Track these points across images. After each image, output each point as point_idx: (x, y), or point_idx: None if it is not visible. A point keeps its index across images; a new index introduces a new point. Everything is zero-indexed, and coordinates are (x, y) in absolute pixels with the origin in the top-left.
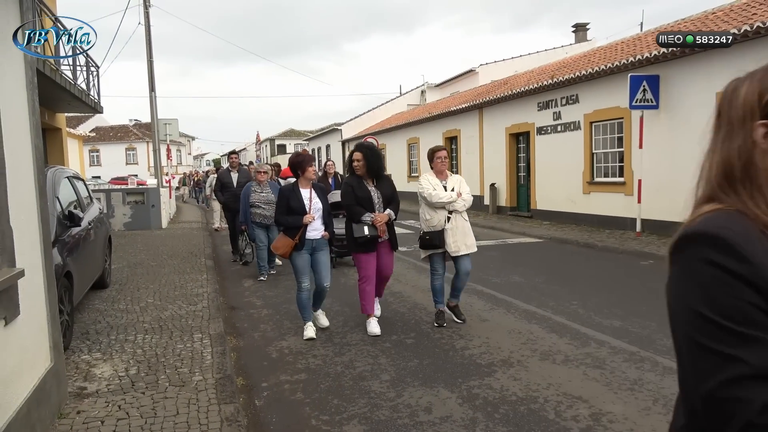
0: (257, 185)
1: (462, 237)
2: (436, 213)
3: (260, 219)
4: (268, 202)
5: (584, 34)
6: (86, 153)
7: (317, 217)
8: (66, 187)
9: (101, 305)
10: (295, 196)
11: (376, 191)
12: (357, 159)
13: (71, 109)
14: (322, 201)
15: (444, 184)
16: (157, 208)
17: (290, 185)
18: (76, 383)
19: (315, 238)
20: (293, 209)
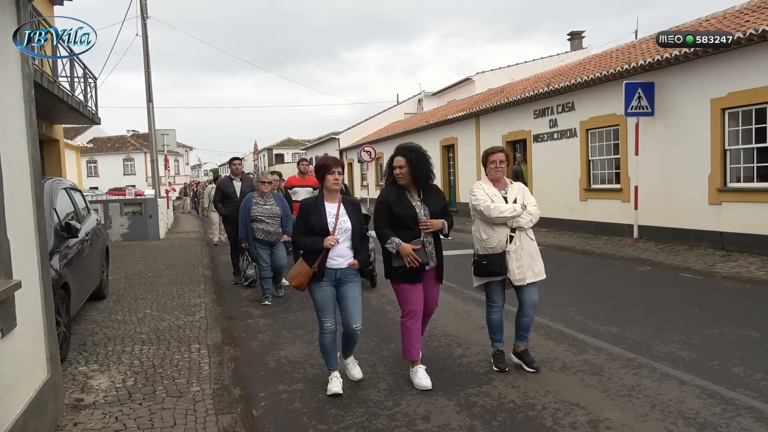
0: (259, 196)
1: (529, 261)
2: (495, 231)
3: (263, 235)
4: (273, 216)
5: (580, 42)
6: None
7: (343, 240)
8: (63, 198)
9: (98, 316)
10: (317, 212)
11: (422, 206)
12: (399, 165)
13: (69, 120)
14: (352, 219)
15: (504, 194)
16: (155, 218)
17: (313, 197)
18: (73, 395)
19: (339, 267)
20: (314, 228)
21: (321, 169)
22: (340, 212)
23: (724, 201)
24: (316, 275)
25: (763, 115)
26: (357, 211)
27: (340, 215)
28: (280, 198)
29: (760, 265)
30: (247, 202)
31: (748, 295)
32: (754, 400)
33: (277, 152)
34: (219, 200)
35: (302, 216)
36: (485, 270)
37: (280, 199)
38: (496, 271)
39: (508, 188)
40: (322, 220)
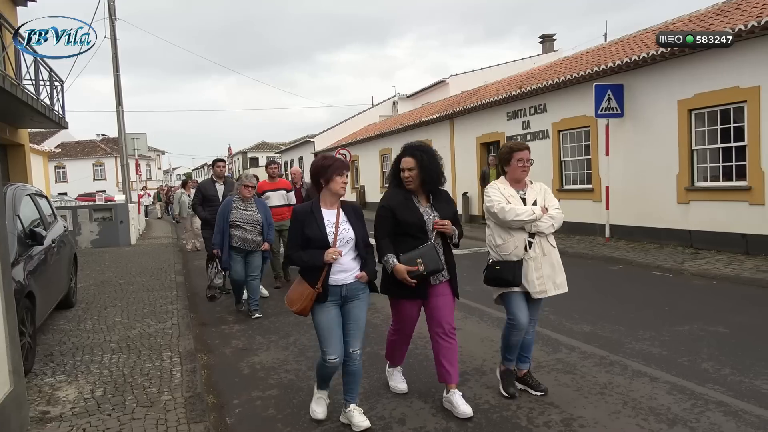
0: (240, 201)
1: (550, 271)
2: (511, 236)
3: (239, 242)
4: (253, 222)
5: (551, 45)
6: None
7: (347, 252)
8: (28, 204)
9: (66, 325)
10: (313, 221)
11: (432, 212)
12: (408, 167)
13: (34, 124)
14: (355, 227)
15: (522, 195)
16: (126, 224)
17: (308, 204)
18: (38, 407)
19: (345, 282)
20: (311, 240)
21: (325, 170)
22: (340, 220)
23: (692, 200)
24: (319, 296)
25: (728, 115)
26: (359, 218)
27: (341, 223)
28: (262, 204)
29: (727, 262)
30: (226, 206)
31: (716, 292)
32: (723, 395)
33: (251, 156)
34: (198, 203)
35: (296, 227)
36: (497, 277)
37: (263, 206)
38: (507, 279)
39: (527, 189)
40: (320, 230)
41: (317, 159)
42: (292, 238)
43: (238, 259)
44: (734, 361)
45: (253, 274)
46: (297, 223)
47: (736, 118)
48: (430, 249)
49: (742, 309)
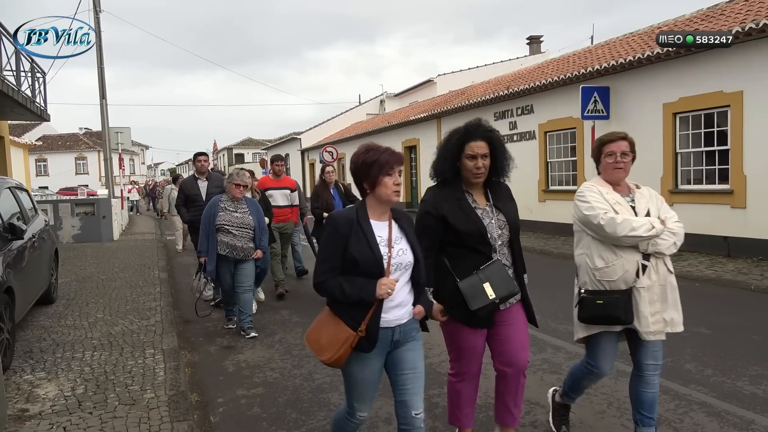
0: (229, 201)
1: (663, 304)
2: (618, 257)
3: (226, 250)
4: (243, 226)
5: (538, 47)
6: (33, 162)
7: (403, 281)
8: (7, 198)
9: (47, 322)
10: (362, 237)
11: (494, 215)
12: (481, 153)
13: (15, 116)
14: (411, 244)
15: (629, 202)
16: (108, 219)
17: (350, 212)
18: (17, 405)
19: (400, 322)
20: (356, 262)
21: (367, 168)
22: (394, 236)
23: (675, 202)
24: (362, 343)
25: (711, 119)
26: (413, 232)
27: (395, 241)
28: (254, 205)
29: (709, 264)
30: (211, 207)
31: (698, 294)
32: (706, 396)
33: (237, 152)
34: (181, 203)
35: (335, 243)
36: (600, 314)
37: (255, 207)
38: (619, 317)
39: (634, 194)
40: (373, 251)
41: (358, 151)
42: (328, 258)
43: (225, 267)
44: (717, 362)
45: (244, 285)
46: (337, 237)
47: (720, 122)
48: (498, 269)
49: (724, 310)
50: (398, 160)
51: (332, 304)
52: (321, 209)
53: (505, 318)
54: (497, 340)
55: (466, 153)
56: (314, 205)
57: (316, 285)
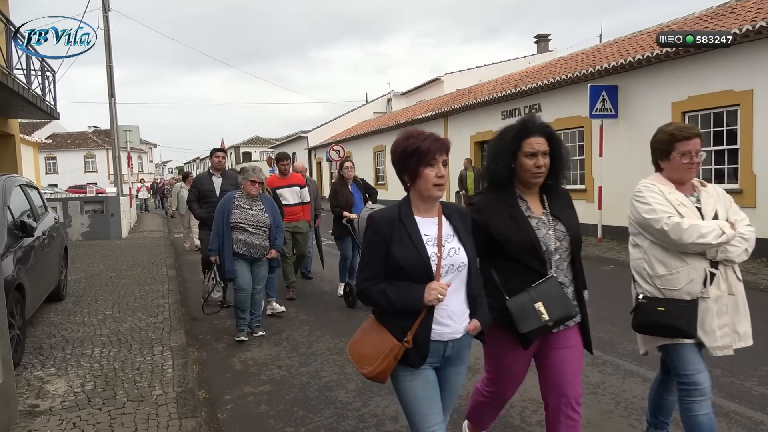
0: (244, 198)
1: (734, 316)
2: (685, 263)
3: (244, 248)
4: (259, 225)
5: (546, 45)
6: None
7: (456, 287)
8: (18, 195)
9: (56, 318)
10: (405, 236)
11: (551, 223)
12: (542, 150)
13: (25, 114)
14: (466, 245)
15: (694, 203)
16: (117, 217)
17: (392, 210)
18: (27, 401)
19: (453, 336)
20: (400, 266)
21: (407, 158)
22: (444, 234)
23: None
24: (410, 355)
25: (721, 118)
26: (469, 229)
27: (445, 240)
28: (270, 202)
29: None
30: (226, 204)
31: None
32: (714, 396)
33: (244, 150)
34: (194, 199)
35: (375, 244)
36: (660, 323)
37: (271, 204)
38: (680, 327)
39: (699, 193)
40: (419, 252)
41: (398, 139)
42: (369, 263)
43: (244, 265)
44: (725, 362)
45: (258, 287)
46: (377, 239)
47: (729, 122)
48: (553, 287)
49: None
50: (441, 148)
51: (377, 313)
52: (341, 207)
53: (559, 341)
54: (547, 366)
55: (524, 150)
56: (333, 203)
57: (359, 293)
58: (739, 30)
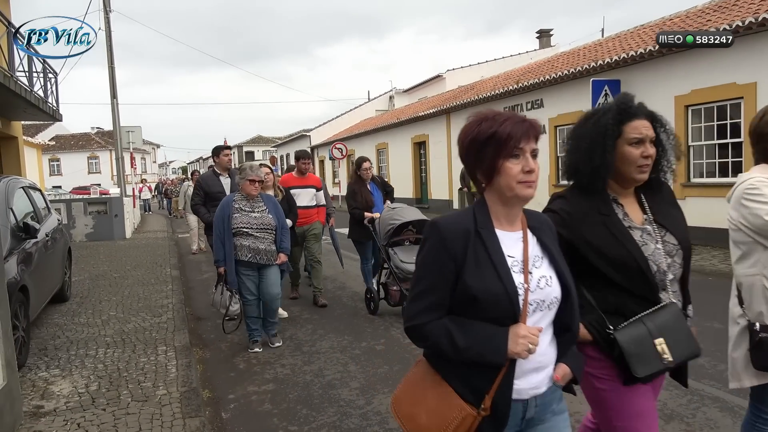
0: (244, 199)
1: None
2: None
3: (249, 255)
4: (264, 227)
5: (548, 40)
6: (46, 162)
7: (546, 326)
8: (21, 197)
9: (60, 319)
10: (482, 255)
11: (659, 234)
12: (650, 136)
13: (28, 116)
14: (558, 268)
15: None
16: (121, 217)
17: (464, 217)
18: (32, 402)
19: (537, 392)
20: (473, 299)
21: (484, 147)
22: (532, 254)
23: (687, 196)
24: (485, 426)
25: (724, 112)
26: (558, 248)
27: (533, 263)
28: (272, 203)
29: (723, 258)
30: (224, 209)
31: (711, 288)
32: (719, 391)
33: (247, 149)
34: (200, 202)
35: (437, 264)
36: None
37: (273, 205)
38: None
39: None
40: (502, 280)
41: (469, 123)
42: (428, 290)
43: (251, 277)
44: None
45: (272, 294)
46: (444, 257)
47: (733, 115)
48: (675, 318)
49: None
50: (528, 133)
51: (435, 361)
52: (360, 208)
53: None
54: None
55: (627, 137)
56: (351, 204)
57: (408, 330)
58: (742, 23)
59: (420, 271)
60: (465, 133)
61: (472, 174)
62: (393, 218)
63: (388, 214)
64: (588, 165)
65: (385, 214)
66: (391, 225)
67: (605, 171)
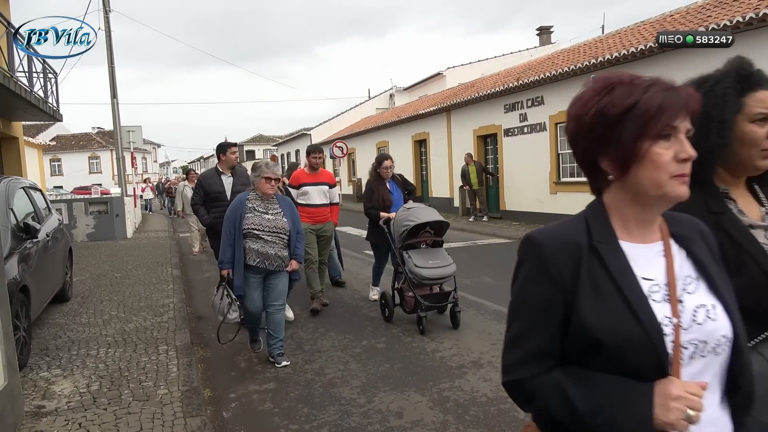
0: (259, 199)
1: None
2: None
3: (258, 260)
4: (277, 231)
5: (548, 37)
6: (47, 162)
7: (712, 378)
8: (22, 198)
9: (62, 319)
10: (603, 280)
11: None
12: None
13: (28, 117)
14: (720, 294)
15: None
16: (122, 217)
17: (572, 226)
18: (33, 402)
19: None
20: (597, 343)
21: (619, 124)
22: (680, 273)
23: None
24: None
25: None
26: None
27: (684, 286)
28: (288, 205)
29: None
30: (238, 207)
31: None
32: None
33: (248, 148)
34: (200, 202)
35: (537, 295)
36: None
37: (289, 207)
38: None
39: None
40: (635, 313)
41: (588, 92)
42: (527, 333)
43: (255, 283)
44: None
45: (277, 303)
46: (546, 285)
47: None
48: None
49: None
50: (685, 104)
51: (548, 428)
52: (377, 208)
53: None
54: None
55: (750, 112)
56: (367, 204)
57: (507, 385)
58: (743, 18)
59: (515, 306)
60: (585, 104)
61: (585, 164)
62: (408, 219)
63: (403, 214)
64: (701, 147)
65: (399, 215)
66: (406, 226)
67: (718, 155)
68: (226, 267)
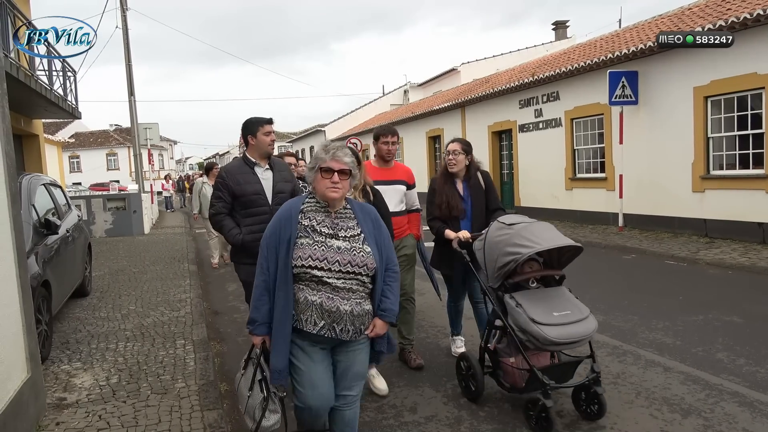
0: (321, 210)
1: None
2: None
3: (320, 323)
4: (352, 271)
5: (564, 32)
6: (66, 159)
7: None
8: (42, 194)
9: (82, 314)
10: None
11: None
12: None
13: (48, 115)
14: None
15: None
16: (139, 213)
17: None
18: (55, 394)
19: None
20: None
21: None
22: None
23: (707, 188)
24: None
25: (745, 102)
26: None
27: None
28: (371, 218)
29: (743, 252)
30: (284, 225)
31: (731, 282)
32: (737, 385)
33: None
34: (224, 211)
35: None
36: None
37: (374, 223)
38: None
39: None
40: None
41: None
42: None
43: (317, 358)
44: (749, 351)
45: (350, 394)
46: None
47: (754, 105)
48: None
49: (757, 299)
50: None
51: None
52: (441, 219)
53: None
54: None
55: None
56: (430, 211)
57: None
58: (763, 11)
59: None
60: None
61: None
62: (516, 243)
63: (505, 235)
64: None
65: (496, 235)
66: (514, 257)
67: None
68: (260, 333)
